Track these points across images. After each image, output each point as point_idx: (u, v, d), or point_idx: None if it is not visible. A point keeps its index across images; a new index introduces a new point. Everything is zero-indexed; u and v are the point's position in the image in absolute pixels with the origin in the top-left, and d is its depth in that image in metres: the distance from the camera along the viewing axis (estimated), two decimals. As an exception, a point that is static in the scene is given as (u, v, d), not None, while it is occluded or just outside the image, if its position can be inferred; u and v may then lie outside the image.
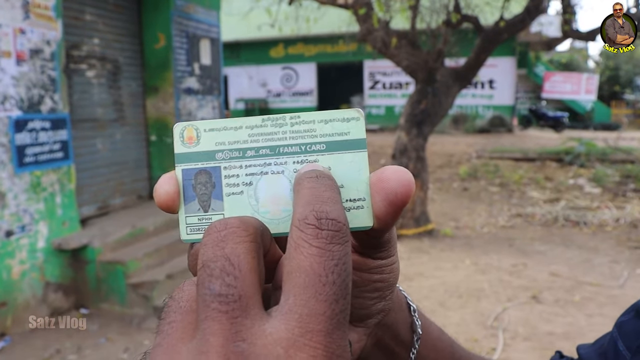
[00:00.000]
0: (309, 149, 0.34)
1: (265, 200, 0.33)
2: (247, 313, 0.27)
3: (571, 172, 10.63)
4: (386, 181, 0.33)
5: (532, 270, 5.26)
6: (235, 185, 0.34)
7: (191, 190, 0.34)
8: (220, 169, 0.34)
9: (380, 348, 0.44)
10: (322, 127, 0.34)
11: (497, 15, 7.09)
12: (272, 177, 0.33)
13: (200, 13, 6.31)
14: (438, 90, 6.78)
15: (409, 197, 0.33)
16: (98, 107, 5.19)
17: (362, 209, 0.33)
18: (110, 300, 4.43)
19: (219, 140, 0.34)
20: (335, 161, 0.33)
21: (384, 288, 0.40)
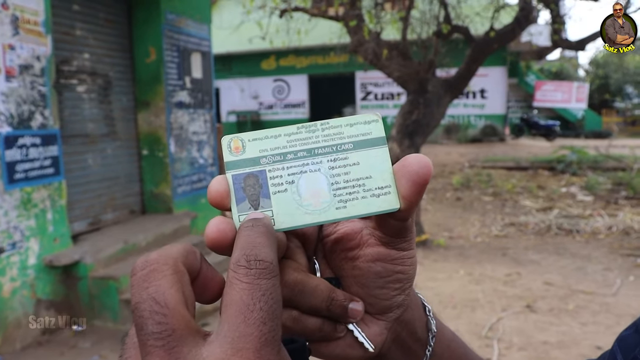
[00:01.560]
0: (339, 149, 0.39)
1: (306, 195, 0.38)
2: (183, 342, 0.30)
3: (563, 180, 10.68)
4: (409, 165, 0.38)
5: (526, 280, 5.26)
6: (279, 185, 0.38)
7: (241, 192, 0.38)
8: (266, 172, 0.39)
9: (398, 344, 0.47)
10: (348, 130, 0.40)
11: (487, 25, 7.14)
12: (310, 175, 0.39)
13: (191, 27, 6.32)
14: (430, 101, 6.80)
15: (429, 176, 0.38)
16: (89, 122, 5.17)
17: (389, 194, 0.38)
18: (103, 316, 4.39)
19: (262, 148, 0.39)
20: (362, 157, 0.39)
21: (404, 280, 0.44)
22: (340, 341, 0.44)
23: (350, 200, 0.39)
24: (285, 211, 0.38)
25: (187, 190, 6.23)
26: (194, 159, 6.41)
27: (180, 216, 5.84)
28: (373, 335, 0.45)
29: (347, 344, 0.44)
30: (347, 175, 0.39)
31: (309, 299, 0.41)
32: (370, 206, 0.39)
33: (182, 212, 5.98)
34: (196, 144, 6.44)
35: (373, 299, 0.44)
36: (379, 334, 0.45)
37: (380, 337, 0.45)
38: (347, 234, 0.43)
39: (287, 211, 0.38)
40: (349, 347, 0.44)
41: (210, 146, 6.77)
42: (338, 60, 14.36)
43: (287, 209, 0.38)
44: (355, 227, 0.44)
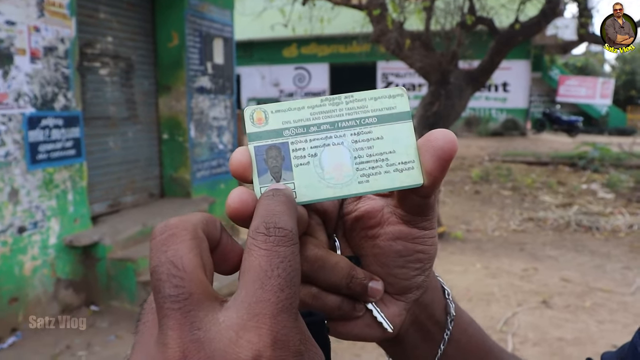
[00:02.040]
0: (363, 122, 0.39)
1: (329, 168, 0.38)
2: (200, 306, 0.30)
3: (584, 176, 10.55)
4: (434, 140, 0.38)
5: (543, 275, 5.22)
6: (302, 157, 0.38)
7: (263, 164, 0.38)
8: (288, 144, 0.38)
9: (417, 326, 0.47)
10: (373, 104, 0.39)
11: (512, 17, 7.05)
12: (333, 148, 0.38)
13: (214, 12, 6.33)
14: (451, 93, 6.75)
15: (454, 151, 0.37)
16: (111, 105, 5.21)
17: (413, 170, 0.38)
18: (121, 297, 4.44)
19: (285, 120, 0.39)
20: (386, 131, 0.38)
21: (424, 259, 0.43)
22: (358, 321, 0.44)
23: (373, 175, 0.38)
24: (307, 184, 0.38)
25: (206, 175, 6.27)
26: (214, 144, 6.43)
27: (198, 201, 5.87)
28: (392, 315, 0.44)
29: (366, 323, 0.44)
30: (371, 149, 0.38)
31: (329, 276, 0.41)
32: (394, 181, 0.38)
33: (200, 197, 6.02)
34: (216, 129, 6.46)
35: (393, 279, 0.43)
36: (398, 315, 0.45)
37: (399, 318, 0.45)
38: (368, 212, 0.43)
39: (309, 184, 0.38)
40: (368, 327, 0.44)
41: (230, 132, 6.79)
42: (360, 50, 14.30)
43: (309, 181, 0.38)
44: (376, 205, 0.43)
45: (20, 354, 3.64)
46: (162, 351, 0.29)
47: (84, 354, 3.65)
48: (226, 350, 0.29)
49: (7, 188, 3.86)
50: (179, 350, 0.29)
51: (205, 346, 0.29)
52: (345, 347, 3.70)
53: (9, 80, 3.82)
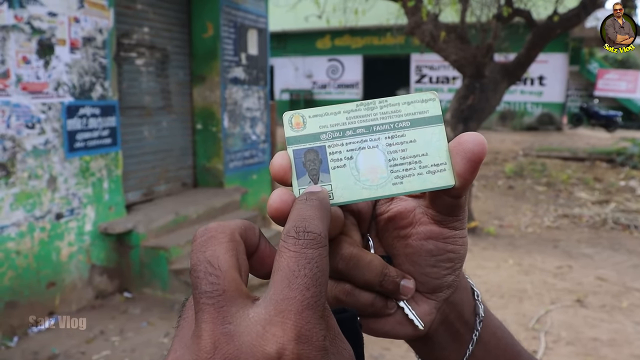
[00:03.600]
0: (397, 126, 0.40)
1: (364, 170, 0.39)
2: (232, 302, 0.32)
3: (623, 173, 10.30)
4: (464, 143, 0.39)
5: (578, 274, 5.12)
6: (338, 160, 0.40)
7: (302, 167, 0.39)
8: (325, 148, 0.40)
9: (446, 326, 0.48)
10: (406, 108, 0.40)
11: (550, 9, 6.90)
12: (368, 151, 0.40)
13: (249, 3, 6.34)
14: (486, 86, 6.65)
15: (484, 154, 0.39)
16: (146, 94, 5.28)
17: (445, 171, 0.39)
18: (153, 285, 4.52)
19: (322, 124, 0.40)
20: (418, 135, 0.40)
21: (455, 259, 0.44)
22: (390, 318, 0.45)
23: (406, 177, 0.39)
24: (344, 186, 0.39)
25: (239, 165, 6.31)
26: (247, 135, 6.47)
27: (230, 191, 5.92)
28: (423, 314, 0.45)
29: (397, 321, 0.46)
30: (404, 152, 0.40)
31: (362, 273, 0.42)
32: (426, 182, 0.39)
33: (232, 187, 6.07)
34: (249, 120, 6.49)
35: (424, 278, 0.44)
36: (429, 313, 0.46)
37: (430, 316, 0.46)
38: (400, 213, 0.44)
39: (346, 186, 0.39)
40: (399, 325, 0.46)
41: (264, 123, 6.82)
42: (394, 42, 14.19)
43: (345, 183, 0.39)
44: (408, 206, 0.44)
45: (56, 337, 3.73)
46: (196, 342, 0.32)
47: (117, 339, 3.72)
48: (253, 343, 0.31)
49: (46, 175, 3.95)
50: (211, 342, 0.31)
51: (235, 339, 0.31)
52: (375, 340, 3.70)
53: (49, 70, 3.90)
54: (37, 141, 3.86)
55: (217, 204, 5.43)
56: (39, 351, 3.52)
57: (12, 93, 3.68)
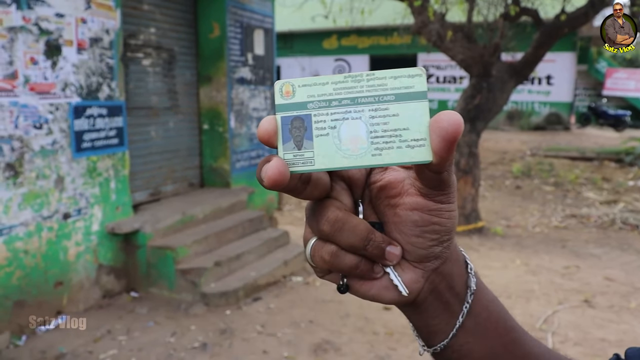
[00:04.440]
0: (382, 100, 0.41)
1: (346, 140, 0.41)
2: None
3: (631, 173, 10.24)
4: (440, 122, 0.39)
5: (585, 274, 5.10)
6: (322, 129, 0.41)
7: (288, 133, 0.41)
8: (311, 116, 0.42)
9: (436, 296, 0.49)
10: (392, 82, 0.41)
11: (558, 8, 6.87)
12: (352, 122, 0.41)
13: (255, 3, 6.35)
14: (493, 85, 6.63)
15: (458, 134, 0.39)
16: (153, 95, 5.29)
17: (424, 147, 0.40)
18: (160, 284, 4.53)
19: (310, 94, 0.42)
20: (402, 109, 0.41)
21: (441, 231, 0.45)
22: (376, 282, 0.46)
23: (385, 149, 0.41)
24: (325, 153, 0.41)
25: (245, 165, 6.31)
26: (253, 134, 6.48)
27: (237, 191, 5.93)
28: (409, 281, 0.46)
29: (383, 285, 0.47)
30: (386, 125, 0.41)
31: (347, 237, 0.43)
32: (404, 156, 0.40)
33: (239, 187, 6.07)
34: (256, 120, 6.50)
35: (410, 247, 0.46)
36: (415, 282, 0.47)
37: (416, 284, 0.47)
38: (391, 182, 0.46)
39: (327, 153, 0.41)
40: (384, 289, 0.47)
41: (269, 123, 6.81)
42: (400, 42, 14.17)
43: (327, 151, 0.41)
44: (398, 177, 0.46)
45: (64, 336, 3.75)
46: None
47: (124, 339, 3.74)
48: None
49: (53, 175, 3.96)
50: None
51: None
52: (381, 340, 3.70)
53: (57, 70, 3.92)
54: (45, 141, 3.88)
55: (224, 203, 5.44)
56: (46, 350, 3.53)
57: (20, 94, 3.70)
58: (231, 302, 4.32)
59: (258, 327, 3.96)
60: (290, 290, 4.71)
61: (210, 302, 4.28)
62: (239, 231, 5.22)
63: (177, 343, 3.69)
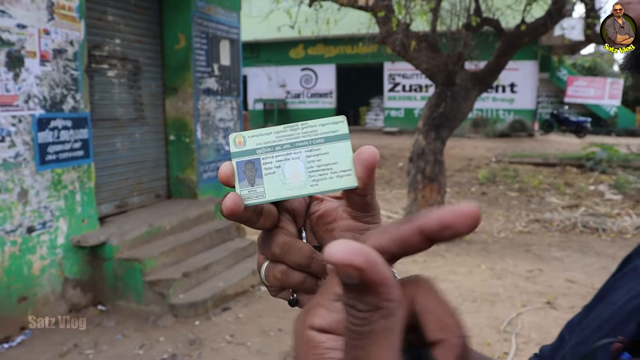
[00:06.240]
0: (314, 142, 0.50)
1: (289, 175, 0.49)
2: None
3: (592, 178, 10.52)
4: (361, 154, 0.48)
5: (548, 276, 5.23)
6: (270, 169, 0.49)
7: (242, 174, 0.49)
8: (260, 160, 0.50)
9: None
10: (321, 128, 0.50)
11: (518, 18, 7.05)
12: (292, 162, 0.49)
13: (221, 14, 6.37)
14: (457, 94, 6.76)
15: (376, 162, 0.47)
16: (118, 106, 5.26)
17: (350, 176, 0.49)
18: (127, 297, 4.49)
19: (257, 142, 0.50)
20: (331, 148, 0.50)
21: None
22: None
23: (321, 180, 0.49)
24: (273, 187, 0.49)
25: (212, 176, 6.31)
26: (220, 145, 6.48)
27: (204, 202, 5.92)
28: None
29: None
30: (320, 161, 0.49)
31: (294, 257, 0.50)
32: (335, 184, 0.49)
33: (206, 198, 6.06)
34: (222, 130, 6.50)
35: None
36: None
37: None
38: (327, 211, 0.54)
39: (275, 187, 0.49)
40: None
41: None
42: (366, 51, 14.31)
43: (274, 185, 0.49)
44: (332, 206, 0.54)
45: (29, 352, 3.69)
46: None
47: (91, 352, 3.70)
48: None
49: (16, 188, 3.91)
50: None
51: None
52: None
53: (19, 82, 3.88)
54: (7, 154, 3.83)
55: (191, 215, 5.42)
56: (11, 367, 3.48)
57: (-19, 106, 3.65)
58: (200, 313, 4.31)
59: (227, 336, 3.96)
60: (259, 300, 4.72)
61: (179, 313, 4.26)
62: (207, 242, 5.21)
63: (146, 355, 3.67)
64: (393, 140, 14.70)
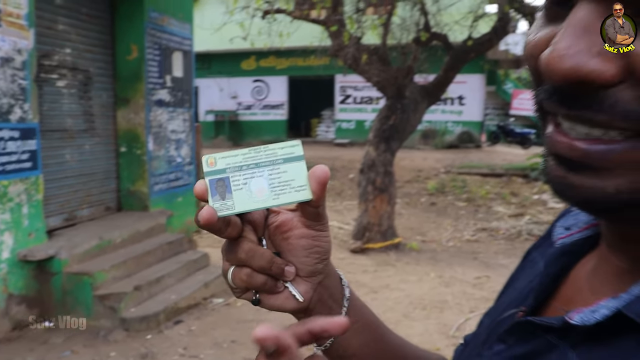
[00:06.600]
0: (275, 163, 0.59)
1: (255, 190, 0.58)
2: None
3: (536, 187, 10.89)
4: (315, 172, 0.57)
5: (495, 283, 5.39)
6: (238, 185, 0.58)
7: (214, 190, 0.57)
8: (229, 178, 0.58)
9: (322, 303, 0.65)
10: (280, 151, 0.59)
11: (465, 34, 7.28)
12: (257, 179, 0.58)
13: (174, 25, 6.35)
14: (407, 106, 6.92)
15: (327, 178, 0.57)
16: (68, 117, 5.17)
17: (305, 190, 0.58)
18: (76, 312, 4.39)
19: (227, 163, 0.58)
20: (289, 167, 0.58)
21: (321, 252, 0.62)
22: (280, 295, 0.62)
23: (281, 194, 0.58)
24: (241, 201, 0.57)
25: (164, 188, 6.26)
26: (172, 157, 6.44)
27: (156, 214, 5.86)
28: (303, 292, 0.62)
29: (285, 296, 0.62)
30: (280, 178, 0.58)
31: (257, 261, 0.58)
32: (294, 197, 0.58)
33: (158, 210, 6.00)
34: (174, 142, 6.47)
35: (301, 265, 0.61)
36: (307, 292, 0.62)
37: (308, 294, 0.62)
38: (283, 222, 0.61)
39: (242, 201, 0.57)
40: (286, 299, 0.62)
41: (189, 145, 6.80)
42: (318, 63, 14.44)
43: (242, 199, 0.57)
44: (288, 217, 0.62)
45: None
46: None
47: (39, 369, 3.61)
48: None
49: (-40, 201, 3.80)
50: None
51: None
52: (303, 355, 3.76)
53: (-37, 92, 3.78)
54: (-49, 166, 3.72)
55: (142, 227, 5.36)
56: (-46, 386, 3.36)
57: None
58: (152, 326, 4.26)
59: (180, 349, 3.93)
60: (212, 312, 4.70)
61: (130, 327, 4.21)
62: (159, 254, 5.16)
63: (96, 370, 3.61)
64: (344, 152, 14.85)
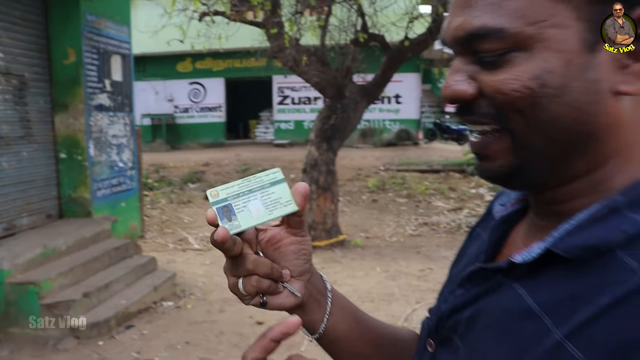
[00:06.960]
0: (264, 187, 0.71)
1: (253, 210, 0.70)
2: None
3: (473, 182, 11.27)
4: (297, 188, 0.71)
5: (438, 274, 5.60)
6: (239, 208, 0.70)
7: (222, 215, 0.69)
8: (232, 204, 0.70)
9: (312, 298, 0.77)
10: (266, 177, 0.72)
11: (402, 34, 7.47)
12: (253, 201, 0.70)
13: (112, 29, 6.26)
14: (347, 106, 7.05)
15: (307, 192, 0.71)
16: (3, 123, 5.03)
17: (291, 204, 0.71)
18: (22, 323, 4.28)
19: (227, 192, 0.71)
20: (275, 189, 0.72)
21: (307, 253, 0.75)
22: (281, 294, 0.73)
23: (274, 210, 0.70)
24: (245, 220, 0.70)
25: (107, 193, 6.17)
26: (114, 162, 6.35)
27: (100, 220, 5.77)
28: (298, 289, 0.74)
29: (285, 295, 0.74)
30: (270, 198, 0.71)
31: (262, 269, 0.70)
32: (284, 210, 0.71)
33: (101, 216, 5.91)
34: (116, 147, 6.38)
35: (294, 267, 0.74)
36: (301, 289, 0.74)
37: (302, 290, 0.74)
38: (273, 236, 0.74)
39: (245, 219, 0.70)
40: (286, 298, 0.74)
41: (130, 149, 6.71)
42: (256, 64, 14.44)
43: (245, 218, 0.70)
44: (275, 231, 0.74)
45: None
46: None
47: (-13, 383, 3.52)
48: None
49: None
50: None
51: None
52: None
53: None
54: None
55: (87, 233, 5.28)
56: None
57: None
58: (103, 332, 4.22)
59: (134, 353, 3.92)
60: (163, 315, 4.69)
61: (80, 334, 4.15)
62: (106, 260, 5.10)
63: (47, 380, 3.55)
64: (284, 153, 14.91)
